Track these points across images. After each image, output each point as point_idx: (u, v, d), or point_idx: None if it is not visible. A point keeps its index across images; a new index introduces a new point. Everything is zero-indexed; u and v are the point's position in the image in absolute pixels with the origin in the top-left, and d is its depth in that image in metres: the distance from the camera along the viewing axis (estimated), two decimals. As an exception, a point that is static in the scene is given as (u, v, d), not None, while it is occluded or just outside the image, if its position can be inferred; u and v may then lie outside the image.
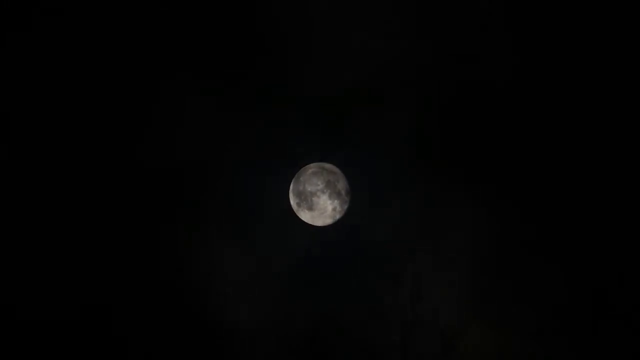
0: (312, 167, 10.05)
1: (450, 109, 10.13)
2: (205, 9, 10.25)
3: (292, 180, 10.03)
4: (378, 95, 10.15)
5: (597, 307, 9.87)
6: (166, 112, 10.22)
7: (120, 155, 10.18)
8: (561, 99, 10.10)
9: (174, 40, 10.23)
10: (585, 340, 9.86)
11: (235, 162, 10.21)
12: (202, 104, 10.21)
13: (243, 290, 10.17)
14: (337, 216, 10.06)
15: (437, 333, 10.04)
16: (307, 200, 10.00)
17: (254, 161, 10.19)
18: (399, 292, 10.11)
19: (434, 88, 10.13)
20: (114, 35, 10.22)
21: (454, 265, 10.06)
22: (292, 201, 10.03)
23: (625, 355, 9.79)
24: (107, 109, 10.20)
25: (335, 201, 10.02)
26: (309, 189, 9.99)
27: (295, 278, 10.13)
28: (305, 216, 10.05)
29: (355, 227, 10.13)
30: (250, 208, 10.17)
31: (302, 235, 10.12)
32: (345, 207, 10.05)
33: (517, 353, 9.91)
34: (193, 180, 10.21)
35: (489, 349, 9.94)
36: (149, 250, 10.13)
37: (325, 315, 10.10)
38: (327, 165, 10.05)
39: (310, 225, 10.08)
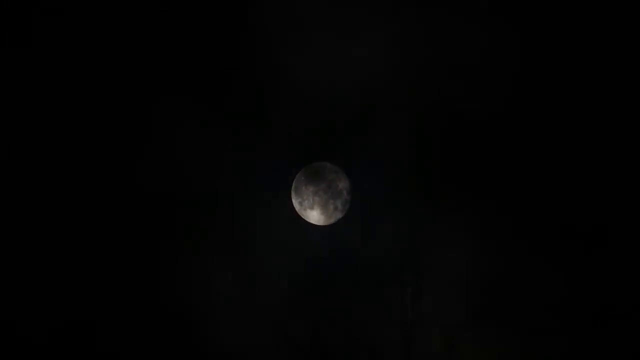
0: (313, 167, 10.05)
1: (451, 115, 10.18)
2: (204, 14, 10.27)
3: (294, 180, 10.03)
4: (380, 97, 10.18)
5: (597, 307, 9.90)
6: (166, 113, 10.22)
7: (120, 156, 10.18)
8: (559, 112, 10.14)
9: (173, 40, 10.24)
10: (585, 340, 9.88)
11: (236, 162, 10.21)
12: (203, 104, 10.22)
13: (243, 290, 10.16)
14: (339, 215, 10.06)
15: (437, 333, 10.04)
16: (308, 200, 10.00)
17: (255, 161, 10.19)
18: (399, 292, 10.12)
19: (434, 96, 10.16)
20: (114, 35, 10.22)
21: (455, 265, 10.07)
22: (294, 201, 10.04)
23: (625, 355, 9.81)
24: (107, 109, 10.20)
25: (337, 200, 10.03)
26: (311, 189, 10.00)
27: (296, 277, 10.13)
28: (306, 215, 10.06)
29: (357, 226, 10.14)
30: (252, 207, 10.17)
31: (304, 234, 10.12)
32: (347, 206, 10.06)
33: (517, 353, 9.92)
34: (193, 180, 10.21)
35: (489, 349, 9.95)
36: (149, 250, 10.12)
37: (326, 315, 10.10)
38: (329, 165, 10.06)
39: (312, 224, 10.08)
